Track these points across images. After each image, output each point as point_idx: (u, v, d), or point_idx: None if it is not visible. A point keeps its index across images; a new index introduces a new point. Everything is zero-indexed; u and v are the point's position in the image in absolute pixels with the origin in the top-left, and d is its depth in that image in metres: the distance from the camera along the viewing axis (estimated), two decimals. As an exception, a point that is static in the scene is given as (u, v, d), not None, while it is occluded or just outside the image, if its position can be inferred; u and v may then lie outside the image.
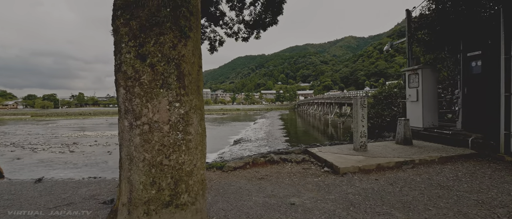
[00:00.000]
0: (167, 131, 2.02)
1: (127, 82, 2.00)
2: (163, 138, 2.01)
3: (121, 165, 2.13)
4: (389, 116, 7.04)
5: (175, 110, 2.04)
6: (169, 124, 2.02)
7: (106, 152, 20.64)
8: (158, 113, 2.00)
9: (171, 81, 2.02)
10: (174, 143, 2.04)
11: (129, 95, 2.00)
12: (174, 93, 2.03)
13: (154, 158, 2.00)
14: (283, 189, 3.42)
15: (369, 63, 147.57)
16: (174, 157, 2.04)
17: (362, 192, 3.25)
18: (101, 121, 58.66)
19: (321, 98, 54.41)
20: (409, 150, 5.36)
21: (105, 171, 15.13)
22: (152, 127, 1.99)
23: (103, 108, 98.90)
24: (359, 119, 5.20)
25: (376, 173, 4.04)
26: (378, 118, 7.03)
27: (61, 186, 4.44)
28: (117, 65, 2.05)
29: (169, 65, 2.02)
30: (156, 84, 1.99)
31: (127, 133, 2.03)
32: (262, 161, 4.72)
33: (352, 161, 4.40)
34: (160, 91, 2.00)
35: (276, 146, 20.17)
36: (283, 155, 4.94)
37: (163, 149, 2.01)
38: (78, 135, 31.72)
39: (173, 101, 2.03)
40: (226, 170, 4.45)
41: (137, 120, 1.99)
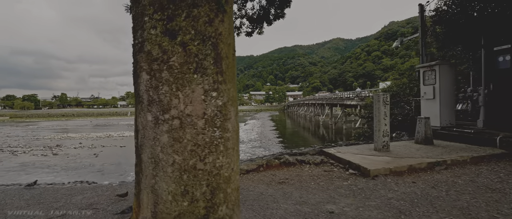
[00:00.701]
0: (202, 127, 1.62)
1: (152, 65, 1.58)
2: (197, 136, 1.61)
3: (141, 170, 1.71)
4: (400, 115, 6.82)
5: (211, 101, 1.64)
6: (205, 118, 1.63)
7: (92, 155, 19.71)
8: (191, 105, 1.60)
9: (207, 64, 1.63)
10: (211, 142, 1.64)
11: (154, 82, 1.58)
12: (211, 79, 1.64)
13: (186, 161, 1.59)
14: (313, 195, 3.06)
15: (357, 65, 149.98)
16: (210, 160, 1.64)
17: (406, 197, 2.94)
18: (85, 122, 56.73)
19: (311, 99, 54.55)
20: (434, 150, 5.14)
21: (93, 175, 14.34)
22: (184, 122, 1.59)
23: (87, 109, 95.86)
24: (381, 117, 4.92)
25: (409, 175, 3.76)
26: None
27: (51, 193, 3.92)
28: (138, 44, 1.64)
29: (205, 44, 1.62)
30: (189, 68, 1.59)
31: (150, 130, 1.61)
32: (276, 163, 4.36)
33: (380, 162, 4.11)
34: (194, 77, 1.60)
35: (270, 147, 19.85)
36: (299, 157, 4.59)
37: (197, 149, 1.61)
38: (61, 137, 30.37)
39: (209, 90, 1.63)
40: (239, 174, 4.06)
41: (165, 113, 1.58)
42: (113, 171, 15.30)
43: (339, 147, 5.37)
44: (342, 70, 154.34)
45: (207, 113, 1.63)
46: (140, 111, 1.66)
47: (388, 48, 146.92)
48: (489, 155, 4.60)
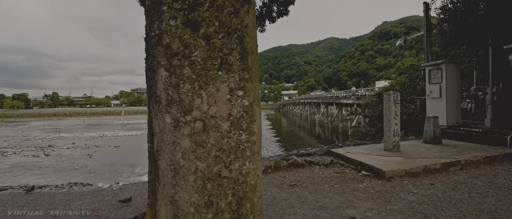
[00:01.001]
0: (227, 130, 1.45)
1: (172, 61, 1.41)
2: (222, 139, 1.44)
3: (157, 178, 1.54)
4: (405, 114, 6.74)
5: (237, 101, 1.47)
6: (230, 120, 1.46)
7: (85, 155, 19.30)
8: (215, 105, 1.43)
9: (233, 60, 1.46)
10: (237, 147, 1.47)
11: (174, 79, 1.41)
12: (237, 77, 1.47)
13: (210, 168, 1.43)
14: (330, 199, 2.92)
15: (351, 64, 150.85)
16: (236, 166, 1.47)
17: (428, 200, 2.82)
18: (78, 122, 55.84)
19: (307, 98, 54.61)
20: (445, 149, 5.07)
21: (87, 176, 14.00)
22: (207, 124, 1.42)
23: (79, 109, 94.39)
24: (391, 116, 4.81)
25: (425, 176, 3.65)
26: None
27: (48, 199, 3.70)
28: (155, 37, 1.46)
29: (230, 37, 1.45)
30: (213, 64, 1.42)
31: (169, 133, 1.44)
32: (284, 164, 4.21)
33: (393, 163, 3.99)
34: (218, 74, 1.43)
35: (268, 146, 19.72)
36: (307, 157, 4.44)
37: (221, 155, 1.44)
38: (53, 137, 29.77)
39: (235, 89, 1.47)
40: (245, 176, 3.90)
41: (186, 114, 1.41)
42: (108, 172, 14.97)
43: (347, 147, 5.24)
44: (337, 69, 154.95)
45: (232, 115, 1.46)
46: (157, 112, 1.48)
47: (381, 47, 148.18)
48: (501, 155, 4.53)
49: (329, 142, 24.17)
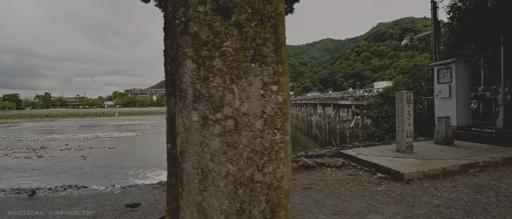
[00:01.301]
0: (260, 129, 1.31)
1: (201, 51, 1.26)
2: (255, 140, 1.30)
3: (181, 183, 1.39)
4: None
5: (271, 96, 1.33)
6: (263, 118, 1.32)
7: (79, 157, 18.93)
8: (247, 101, 1.29)
9: (267, 51, 1.32)
10: (270, 148, 1.33)
11: (203, 72, 1.26)
12: (271, 70, 1.33)
13: (242, 171, 1.28)
14: (349, 203, 2.80)
15: (346, 65, 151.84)
16: (270, 170, 1.33)
17: (455, 204, 2.71)
18: (71, 123, 55.05)
19: (303, 99, 54.67)
20: (459, 150, 4.99)
21: (83, 178, 13.69)
22: (239, 123, 1.28)
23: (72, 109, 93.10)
24: (404, 116, 4.71)
25: (445, 179, 3.55)
26: (399, 117, 6.61)
27: (46, 203, 3.51)
28: (180, 25, 1.31)
29: (264, 26, 1.31)
30: (246, 55, 1.28)
31: (197, 133, 1.29)
32: (294, 166, 4.07)
33: (409, 165, 3.89)
34: (251, 66, 1.29)
35: (266, 148, 19.54)
36: (317, 159, 4.32)
37: (254, 157, 1.30)
38: (45, 138, 29.21)
39: (269, 83, 1.33)
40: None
41: (216, 112, 1.26)
42: (103, 174, 14.66)
43: (357, 148, 5.13)
44: (332, 70, 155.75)
45: (266, 112, 1.32)
46: (182, 109, 1.33)
47: (377, 48, 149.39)
48: (520, 156, 4.42)
49: (327, 143, 24.13)
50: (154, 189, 3.96)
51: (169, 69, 1.45)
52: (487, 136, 5.47)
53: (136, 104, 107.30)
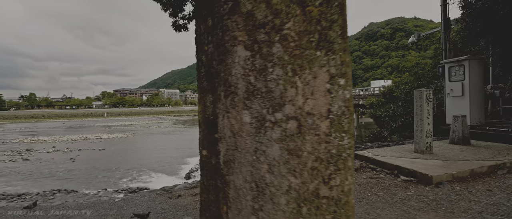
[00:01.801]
0: (326, 132, 1.08)
1: (256, 35, 1.02)
2: (319, 145, 1.07)
3: (225, 199, 1.14)
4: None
5: (338, 92, 1.11)
6: (329, 119, 1.09)
7: (68, 160, 18.32)
8: (312, 98, 1.05)
9: (334, 36, 1.09)
10: (338, 155, 1.10)
11: (259, 61, 1.02)
12: (338, 60, 1.10)
13: (306, 185, 1.05)
14: (381, 210, 2.59)
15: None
16: (337, 182, 1.10)
17: (498, 210, 2.54)
18: (58, 124, 53.69)
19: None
20: (480, 150, 4.88)
21: (72, 182, 13.19)
22: (303, 125, 1.04)
23: (59, 110, 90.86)
24: (424, 115, 4.54)
25: (475, 181, 3.39)
26: (408, 116, 6.47)
27: (39, 215, 3.19)
28: (229, 3, 1.07)
29: (330, 5, 1.08)
30: (310, 40, 1.05)
31: (250, 138, 1.05)
32: (310, 170, 3.87)
33: (434, 167, 3.73)
34: (316, 55, 1.06)
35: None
36: None
37: (319, 167, 1.07)
38: (31, 140, 28.29)
39: (336, 75, 1.10)
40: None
41: (276, 111, 1.02)
42: (95, 177, 14.17)
43: (371, 149, 4.95)
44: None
45: (332, 111, 1.09)
46: (230, 108, 1.08)
47: (368, 48, 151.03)
48: (544, 156, 4.32)
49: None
50: (158, 195, 3.68)
51: (207, 59, 1.20)
52: (503, 135, 5.38)
53: (125, 104, 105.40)
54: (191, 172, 14.17)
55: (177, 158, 19.20)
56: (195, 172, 14.27)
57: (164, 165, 17.10)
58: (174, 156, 19.95)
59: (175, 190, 3.64)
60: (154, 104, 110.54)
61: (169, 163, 17.69)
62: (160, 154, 20.59)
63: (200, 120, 1.30)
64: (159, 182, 13.24)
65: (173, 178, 14.43)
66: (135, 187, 12.24)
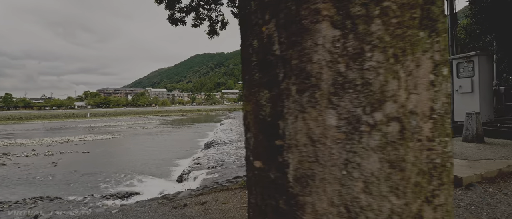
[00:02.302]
0: (429, 136, 0.86)
1: (350, 7, 0.78)
2: (421, 154, 0.85)
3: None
4: None
5: (442, 84, 0.89)
6: (432, 119, 0.86)
7: (49, 164, 17.56)
8: (415, 92, 0.83)
9: (437, 13, 0.87)
10: (442, 166, 0.88)
11: (353, 43, 0.79)
12: (442, 43, 0.88)
13: (409, 206, 0.82)
14: None
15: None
16: (442, 199, 0.89)
17: None
18: (37, 126, 51.87)
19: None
20: (499, 149, 4.80)
21: (55, 188, 12.58)
22: (406, 127, 0.81)
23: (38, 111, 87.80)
24: None
25: (505, 182, 3.27)
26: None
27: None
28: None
29: (432, -28, 0.85)
30: (412, 17, 0.82)
31: (336, 146, 0.81)
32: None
33: (459, 167, 3.61)
34: (419, 36, 0.83)
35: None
36: None
37: (422, 181, 0.85)
38: (8, 144, 27.10)
39: (440, 64, 0.88)
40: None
41: (375, 110, 0.79)
42: (79, 182, 13.58)
43: None
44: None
45: (435, 109, 0.87)
46: (308, 106, 0.83)
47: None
48: None
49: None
50: (161, 205, 3.39)
51: (262, 45, 0.95)
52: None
53: (109, 104, 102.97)
54: (183, 175, 13.76)
55: (167, 160, 18.70)
56: (187, 174, 13.86)
57: (154, 168, 16.61)
58: (163, 158, 19.44)
59: (179, 198, 3.37)
60: (140, 103, 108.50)
61: (159, 165, 17.20)
62: (148, 156, 20.04)
63: (250, 122, 1.05)
64: (150, 186, 12.80)
65: (164, 181, 14.01)
66: (124, 192, 11.81)
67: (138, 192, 11.89)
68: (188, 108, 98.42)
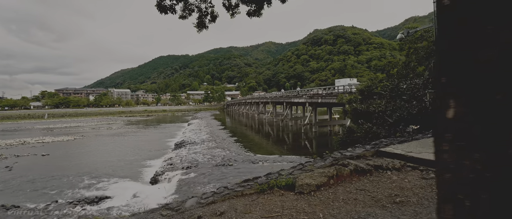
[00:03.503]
0: None
1: None
2: None
3: None
4: (414, 108, 6.16)
5: None
6: None
7: (3, 168, 15.00)
8: None
9: None
10: None
11: None
12: None
13: None
14: None
15: (288, 67, 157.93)
16: None
17: None
18: (-15, 127, 45.04)
19: (255, 98, 54.42)
20: None
21: (12, 195, 10.61)
22: None
23: (-15, 112, 76.45)
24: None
25: None
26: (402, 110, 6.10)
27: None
28: None
29: None
30: None
31: None
32: (347, 172, 3.16)
33: None
34: None
35: (229, 147, 18.39)
36: (368, 161, 3.47)
37: None
38: (-49, 147, 22.87)
39: None
40: (305, 191, 2.72)
41: None
42: (40, 187, 11.66)
43: (396, 145, 4.39)
44: (275, 71, 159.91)
45: None
46: None
47: (314, 52, 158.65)
48: None
49: (276, 139, 23.96)
50: (166, 218, 2.62)
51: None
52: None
53: (70, 104, 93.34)
54: (157, 176, 12.51)
55: (136, 161, 17.07)
56: (161, 175, 12.63)
57: (123, 169, 14.98)
58: (131, 159, 17.73)
59: (187, 209, 2.63)
60: (103, 104, 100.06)
61: (128, 166, 15.58)
62: (115, 158, 18.13)
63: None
64: (121, 189, 11.38)
65: (136, 183, 12.60)
66: (93, 197, 10.31)
67: (109, 196, 10.45)
68: (153, 109, 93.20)
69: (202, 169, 12.71)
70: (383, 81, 8.34)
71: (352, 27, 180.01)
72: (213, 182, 10.57)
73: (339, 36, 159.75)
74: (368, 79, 8.68)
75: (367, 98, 8.37)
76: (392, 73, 8.52)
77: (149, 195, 10.08)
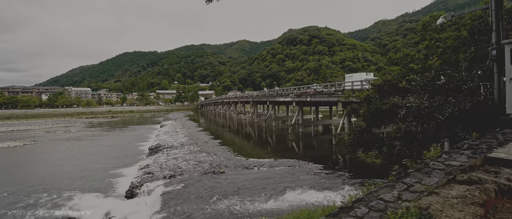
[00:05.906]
0: None
1: None
2: None
3: None
4: (467, 103, 5.34)
5: None
6: None
7: None
8: None
9: None
10: None
11: None
12: None
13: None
14: None
15: (263, 66, 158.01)
16: None
17: None
18: None
19: (233, 98, 52.86)
20: None
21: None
22: None
23: None
24: None
25: None
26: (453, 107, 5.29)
27: None
28: None
29: None
30: None
31: None
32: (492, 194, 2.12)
33: None
34: None
35: (216, 151, 16.97)
36: (498, 175, 2.47)
37: None
38: None
39: None
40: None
41: None
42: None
43: (500, 148, 3.44)
44: (251, 70, 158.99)
45: None
46: None
47: (289, 52, 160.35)
48: None
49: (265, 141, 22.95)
50: None
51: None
52: None
53: (17, 105, 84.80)
54: (134, 188, 10.78)
55: (103, 169, 14.99)
56: (138, 187, 10.92)
57: (88, 181, 12.93)
58: (97, 167, 15.57)
59: None
60: (59, 104, 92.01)
61: (94, 177, 13.53)
62: (77, 167, 15.87)
63: None
64: (90, 207, 9.54)
65: (108, 198, 10.78)
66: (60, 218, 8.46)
67: (74, 218, 8.62)
68: (118, 109, 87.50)
69: (189, 178, 11.21)
70: (409, 75, 7.60)
71: (326, 27, 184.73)
72: (207, 194, 9.18)
73: (313, 36, 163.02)
74: (382, 74, 7.95)
75: (388, 95, 7.58)
76: (412, 66, 7.85)
77: (128, 215, 8.45)
